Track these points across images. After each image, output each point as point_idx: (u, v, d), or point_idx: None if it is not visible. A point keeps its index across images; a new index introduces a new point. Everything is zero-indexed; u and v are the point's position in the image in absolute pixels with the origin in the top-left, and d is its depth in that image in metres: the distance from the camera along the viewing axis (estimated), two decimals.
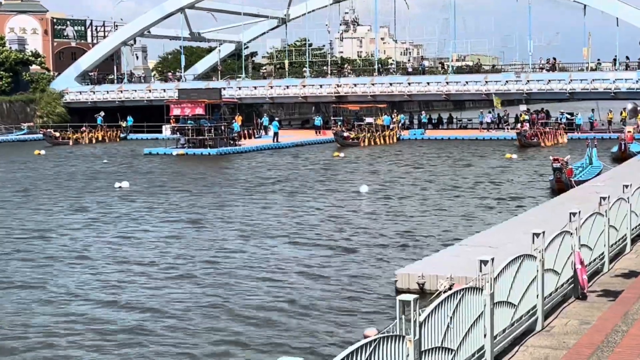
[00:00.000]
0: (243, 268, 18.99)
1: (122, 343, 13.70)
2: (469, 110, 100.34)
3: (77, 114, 78.26)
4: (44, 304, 16.25)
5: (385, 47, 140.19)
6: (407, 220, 25.38)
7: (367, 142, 58.54)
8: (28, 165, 47.06)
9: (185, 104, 55.89)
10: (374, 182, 35.42)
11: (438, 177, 37.96)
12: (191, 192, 33.59)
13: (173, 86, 76.23)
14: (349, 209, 28.28)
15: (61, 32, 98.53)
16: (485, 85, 69.30)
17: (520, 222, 21.03)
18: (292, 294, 16.43)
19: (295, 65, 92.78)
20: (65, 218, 27.38)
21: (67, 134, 65.66)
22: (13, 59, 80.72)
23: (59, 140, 63.94)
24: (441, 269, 15.89)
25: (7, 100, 78.13)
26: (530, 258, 10.59)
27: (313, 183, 36.20)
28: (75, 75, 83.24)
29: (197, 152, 52.92)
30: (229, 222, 25.79)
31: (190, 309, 15.51)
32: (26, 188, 35.57)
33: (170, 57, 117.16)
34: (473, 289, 8.88)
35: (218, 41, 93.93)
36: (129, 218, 26.99)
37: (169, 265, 19.54)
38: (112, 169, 44.31)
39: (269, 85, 76.72)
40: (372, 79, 74.54)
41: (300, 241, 22.24)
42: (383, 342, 6.86)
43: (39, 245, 22.27)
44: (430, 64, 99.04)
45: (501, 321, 9.65)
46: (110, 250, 21.63)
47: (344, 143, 56.72)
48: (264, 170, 43.00)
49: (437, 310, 7.90)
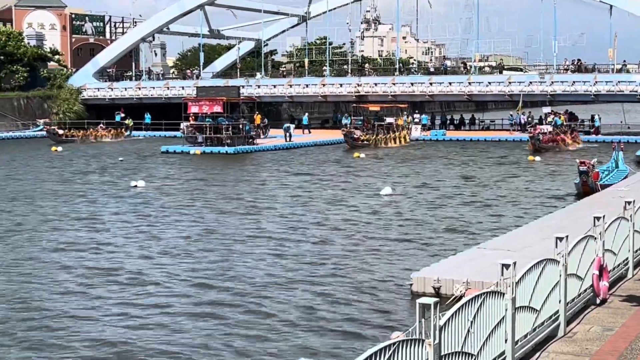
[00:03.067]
0: (255, 268, 18.80)
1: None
2: (491, 112, 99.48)
3: (94, 111, 78.00)
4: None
5: (406, 46, 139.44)
6: (425, 223, 24.98)
7: (380, 144, 56.81)
8: (42, 162, 46.73)
9: (203, 101, 55.51)
10: (394, 184, 34.89)
11: (457, 179, 37.35)
12: (211, 191, 33.46)
13: (191, 84, 75.86)
14: (368, 210, 27.84)
15: (79, 28, 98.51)
16: (508, 86, 68.36)
17: (542, 225, 20.73)
18: (306, 296, 16.27)
19: (315, 63, 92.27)
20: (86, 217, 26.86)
21: (72, 132, 65.13)
22: (31, 54, 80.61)
23: (62, 137, 63.09)
24: (457, 273, 15.73)
25: (25, 96, 78.04)
26: (553, 262, 10.42)
27: (333, 184, 35.89)
28: (93, 71, 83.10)
29: (215, 151, 52.37)
30: (247, 221, 25.64)
31: (206, 311, 15.30)
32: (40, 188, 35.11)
33: (189, 54, 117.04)
34: (494, 293, 8.77)
35: (237, 39, 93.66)
36: (144, 217, 26.59)
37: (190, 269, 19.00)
38: (128, 167, 44.04)
39: (289, 83, 76.17)
40: (393, 78, 73.79)
41: (315, 241, 22.08)
42: (402, 345, 6.78)
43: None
44: (452, 64, 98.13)
45: (523, 326, 9.52)
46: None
47: (354, 144, 55.04)
48: (282, 169, 42.63)
49: (458, 314, 7.80)
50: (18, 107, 76.93)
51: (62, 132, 64.41)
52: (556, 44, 73.13)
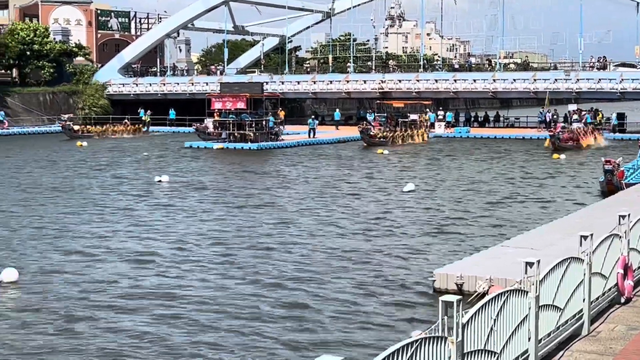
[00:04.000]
0: (279, 262, 18.93)
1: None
2: (516, 109, 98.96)
3: (119, 106, 78.37)
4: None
5: (431, 42, 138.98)
6: (449, 219, 24.91)
7: (398, 141, 55.73)
8: (63, 157, 47.02)
9: (226, 97, 55.52)
10: (417, 180, 34.83)
11: (480, 176, 37.21)
12: (234, 185, 33.69)
13: (215, 79, 75.94)
14: (391, 206, 27.85)
15: (105, 24, 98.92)
16: (533, 84, 67.89)
17: (566, 223, 20.66)
18: (327, 291, 16.26)
19: (339, 60, 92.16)
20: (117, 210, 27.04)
21: (87, 128, 64.96)
22: (57, 50, 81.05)
23: (78, 133, 62.56)
24: (481, 270, 15.65)
25: (51, 92, 78.56)
26: (577, 261, 10.35)
27: (356, 180, 35.87)
28: (118, 67, 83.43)
29: (238, 147, 52.45)
30: (271, 215, 25.79)
31: (229, 304, 15.38)
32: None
33: (213, 51, 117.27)
34: (517, 292, 8.71)
35: (262, 35, 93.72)
36: (172, 211, 26.78)
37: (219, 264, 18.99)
38: (152, 162, 44.28)
39: (312, 80, 76.10)
40: (417, 75, 73.53)
41: (338, 237, 22.07)
42: (425, 342, 6.76)
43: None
44: (477, 61, 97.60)
45: (546, 325, 9.47)
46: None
47: (370, 142, 54.40)
48: (304, 165, 42.68)
49: (481, 312, 7.75)
50: (44, 102, 77.44)
51: (78, 127, 64.09)
52: (582, 41, 72.65)
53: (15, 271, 17.28)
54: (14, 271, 17.26)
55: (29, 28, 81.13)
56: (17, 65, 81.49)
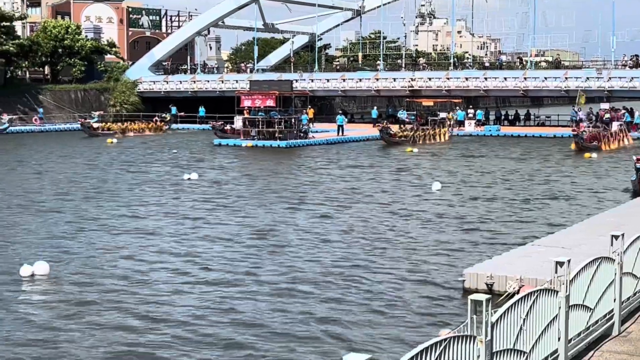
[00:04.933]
0: (308, 260, 18.99)
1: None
2: (547, 107, 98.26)
3: (150, 104, 78.77)
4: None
5: (461, 40, 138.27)
6: (478, 218, 24.76)
7: (419, 140, 54.52)
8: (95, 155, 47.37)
9: (256, 95, 55.56)
10: (444, 179, 34.71)
11: (510, 175, 36.96)
12: (263, 183, 33.85)
13: (245, 77, 76.10)
14: (420, 204, 27.78)
15: (136, 22, 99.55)
16: (564, 82, 67.28)
17: (597, 223, 20.54)
18: (356, 289, 16.27)
19: (369, 58, 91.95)
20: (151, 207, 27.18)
21: (107, 125, 64.33)
22: (88, 47, 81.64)
23: (98, 131, 62.22)
24: (511, 269, 15.57)
25: (82, 89, 79.17)
26: (608, 261, 10.27)
27: (384, 178, 35.80)
28: (149, 64, 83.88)
29: (267, 144, 52.51)
30: (299, 213, 25.89)
31: (262, 301, 15.44)
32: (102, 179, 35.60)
33: (243, 48, 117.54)
34: (547, 291, 8.71)
35: (291, 33, 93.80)
36: (202, 209, 26.90)
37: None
38: (181, 160, 44.48)
39: (342, 78, 75.99)
40: (447, 73, 73.17)
41: (366, 235, 22.03)
42: (454, 341, 6.77)
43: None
44: (507, 59, 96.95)
45: (576, 325, 9.46)
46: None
47: (390, 141, 53.61)
48: (333, 163, 42.69)
49: (510, 311, 7.76)
50: (75, 100, 78.06)
51: (97, 125, 63.56)
52: (614, 39, 71.87)
53: (46, 264, 17.43)
54: (45, 264, 17.40)
55: (61, 26, 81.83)
56: (49, 63, 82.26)
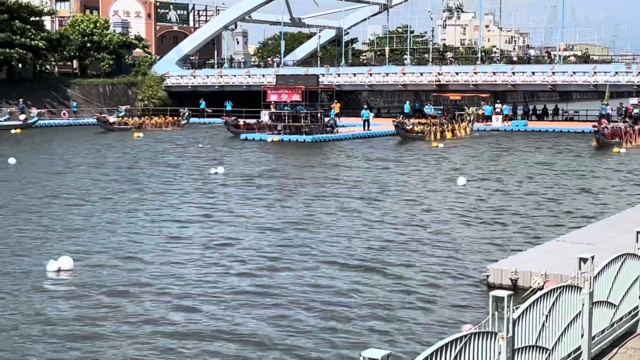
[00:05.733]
0: (333, 252, 19.16)
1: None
2: (575, 102, 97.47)
3: (177, 98, 79.05)
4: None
5: (489, 34, 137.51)
6: (503, 214, 24.64)
7: (436, 136, 53.22)
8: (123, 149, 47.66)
9: (282, 89, 55.57)
10: (471, 174, 34.59)
11: (536, 170, 36.73)
12: (289, 177, 34.00)
13: (272, 72, 76.09)
14: (445, 199, 27.74)
15: (164, 16, 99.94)
16: (593, 76, 66.66)
17: (623, 219, 20.46)
18: (379, 282, 16.32)
19: (396, 52, 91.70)
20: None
21: (124, 120, 63.98)
22: (116, 42, 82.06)
23: (113, 126, 62.09)
24: (535, 265, 15.52)
25: (110, 83, 79.62)
26: (633, 257, 10.19)
27: (410, 172, 35.79)
28: (176, 59, 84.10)
29: (293, 139, 52.54)
30: (326, 206, 26.01)
31: (292, 293, 15.53)
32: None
33: (270, 43, 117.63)
34: (571, 287, 8.65)
35: (318, 27, 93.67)
36: (230, 202, 27.11)
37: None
38: (208, 154, 44.66)
39: (369, 72, 75.79)
40: (474, 67, 72.70)
41: (391, 229, 22.10)
42: (475, 338, 6.75)
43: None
44: (536, 53, 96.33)
45: (600, 322, 9.39)
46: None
47: (405, 136, 52.86)
48: (358, 158, 42.72)
49: (533, 307, 7.72)
50: (104, 94, 78.52)
51: (113, 120, 63.28)
52: None
53: (70, 259, 17.55)
54: (69, 259, 17.52)
55: (90, 20, 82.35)
56: (78, 57, 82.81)
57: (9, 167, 37.24)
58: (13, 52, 70.99)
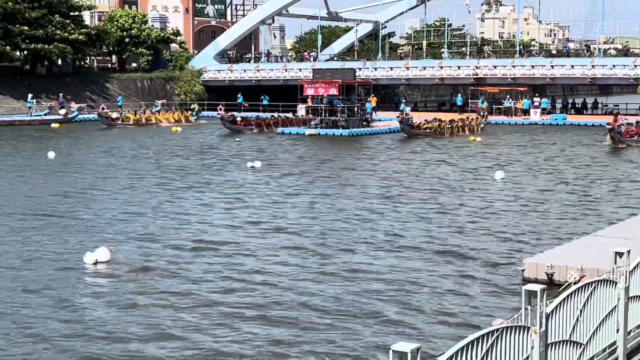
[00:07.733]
0: (371, 244, 19.34)
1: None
2: (615, 96, 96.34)
3: (215, 93, 79.31)
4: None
5: (528, 28, 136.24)
6: (540, 208, 24.50)
7: (445, 133, 51.75)
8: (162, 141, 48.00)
9: (319, 84, 55.60)
10: (508, 168, 34.45)
11: (570, 164, 36.50)
12: (326, 171, 34.20)
13: (309, 66, 76.06)
14: (482, 193, 27.66)
15: (202, 11, 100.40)
16: (633, 70, 65.80)
17: None
18: (415, 276, 16.37)
19: (434, 45, 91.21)
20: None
21: (127, 116, 62.47)
22: (154, 37, 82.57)
23: (116, 122, 60.89)
24: (572, 259, 15.40)
25: (148, 78, 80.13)
26: None
27: (447, 166, 35.76)
28: (213, 53, 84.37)
29: (329, 133, 52.57)
30: (361, 199, 26.13)
31: (321, 292, 15.50)
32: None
33: (307, 37, 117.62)
34: (606, 282, 8.55)
35: (355, 21, 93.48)
36: (267, 196, 27.28)
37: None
38: (244, 148, 44.89)
39: (406, 66, 75.42)
40: (512, 60, 72.11)
41: (428, 223, 22.18)
42: (507, 332, 6.71)
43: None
44: (575, 47, 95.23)
45: (636, 316, 9.27)
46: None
47: (411, 133, 51.30)
48: (395, 152, 42.72)
49: (566, 302, 7.65)
50: (142, 88, 79.09)
51: (116, 116, 61.90)
52: None
53: (107, 251, 17.75)
54: (106, 251, 17.72)
55: (128, 15, 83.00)
56: (116, 52, 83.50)
57: (50, 161, 37.70)
58: (52, 47, 71.74)
